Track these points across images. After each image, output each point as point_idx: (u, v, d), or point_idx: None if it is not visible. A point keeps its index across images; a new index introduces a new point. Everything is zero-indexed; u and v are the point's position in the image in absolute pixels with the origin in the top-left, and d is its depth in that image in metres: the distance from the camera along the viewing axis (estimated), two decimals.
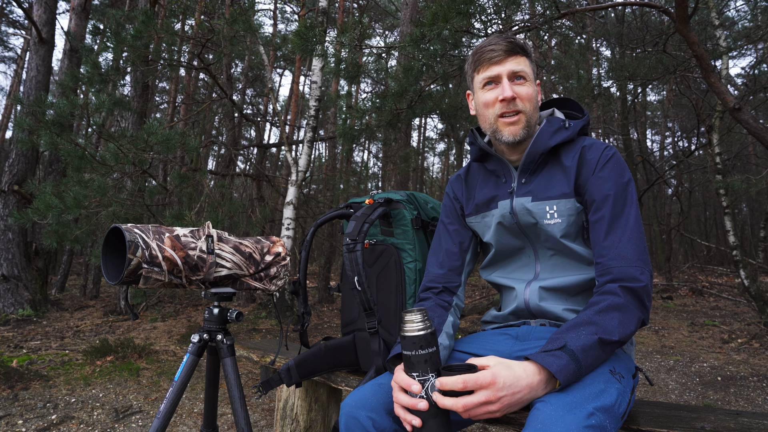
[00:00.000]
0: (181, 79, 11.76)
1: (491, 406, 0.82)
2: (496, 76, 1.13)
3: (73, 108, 4.04)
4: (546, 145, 1.14)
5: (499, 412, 0.83)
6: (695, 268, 12.34)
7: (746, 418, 1.07)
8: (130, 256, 1.13)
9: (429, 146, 22.93)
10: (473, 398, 0.82)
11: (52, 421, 2.69)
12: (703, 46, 3.83)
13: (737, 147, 10.53)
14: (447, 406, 0.83)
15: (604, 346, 0.91)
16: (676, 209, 12.27)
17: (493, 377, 0.83)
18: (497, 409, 0.83)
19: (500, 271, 1.28)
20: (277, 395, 1.86)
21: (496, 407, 0.82)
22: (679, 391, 3.52)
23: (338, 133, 4.63)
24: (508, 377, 0.83)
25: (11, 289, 5.99)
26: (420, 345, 0.86)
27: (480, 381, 0.82)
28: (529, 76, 1.14)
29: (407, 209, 1.51)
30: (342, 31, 3.92)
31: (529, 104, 1.13)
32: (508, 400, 0.83)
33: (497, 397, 0.82)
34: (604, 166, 1.10)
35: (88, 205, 3.97)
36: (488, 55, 1.13)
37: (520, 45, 1.13)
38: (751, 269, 6.59)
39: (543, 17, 3.47)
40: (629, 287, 0.97)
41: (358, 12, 13.53)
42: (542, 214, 1.14)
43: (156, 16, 6.22)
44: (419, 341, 0.86)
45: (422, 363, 0.86)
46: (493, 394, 0.82)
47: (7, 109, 17.00)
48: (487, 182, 1.27)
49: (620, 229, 1.03)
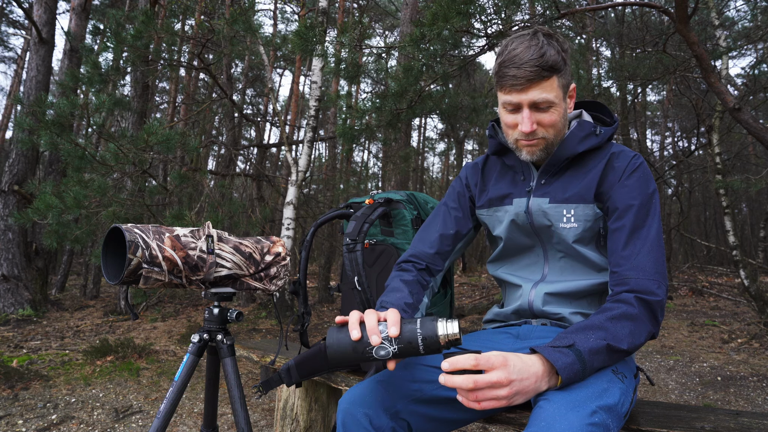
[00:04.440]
0: (181, 79, 11.76)
1: (500, 390, 0.80)
2: (517, 103, 1.06)
3: (73, 108, 4.04)
4: (574, 150, 1.12)
5: (505, 399, 0.81)
6: (695, 268, 12.34)
7: (746, 418, 1.07)
8: (130, 256, 1.13)
9: (429, 146, 22.92)
10: (485, 376, 0.79)
11: (52, 421, 2.69)
12: (703, 46, 3.83)
13: (737, 147, 10.52)
14: (456, 384, 0.80)
15: (612, 353, 0.90)
16: (676, 209, 12.26)
17: (505, 359, 0.81)
18: (505, 395, 0.80)
19: (507, 267, 1.27)
20: (277, 395, 1.86)
21: (506, 392, 0.80)
22: (679, 391, 3.52)
23: (338, 133, 4.63)
24: (517, 362, 0.82)
25: (11, 289, 5.98)
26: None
27: (492, 360, 0.80)
28: (554, 101, 1.05)
29: (407, 209, 1.51)
30: (342, 31, 3.92)
31: (552, 129, 1.09)
32: (517, 386, 0.81)
33: (509, 380, 0.80)
34: (630, 175, 1.08)
35: (88, 205, 3.97)
36: (510, 81, 1.03)
37: (548, 67, 1.01)
38: (751, 269, 6.59)
39: (543, 17, 3.47)
40: (644, 299, 0.95)
41: (358, 12, 13.53)
42: (559, 217, 1.12)
43: (156, 16, 6.21)
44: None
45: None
46: (505, 375, 0.79)
47: (7, 109, 16.99)
48: (504, 177, 1.24)
49: (640, 240, 1.02)
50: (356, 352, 0.89)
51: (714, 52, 5.72)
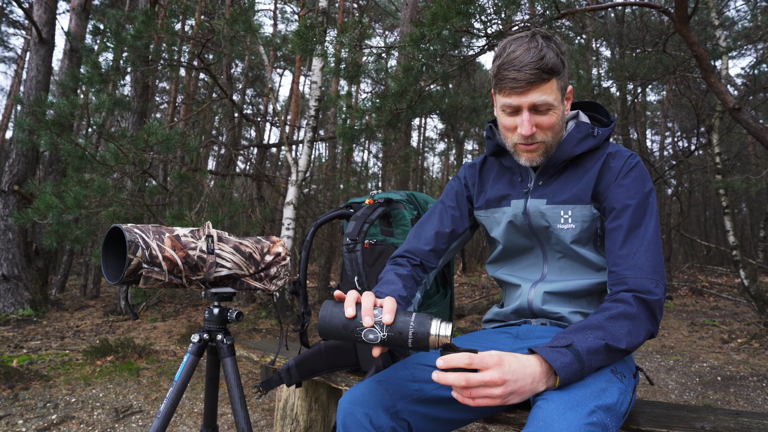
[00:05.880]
0: (181, 79, 11.75)
1: (494, 389, 0.79)
2: (516, 106, 1.05)
3: (73, 108, 4.04)
4: (571, 152, 1.12)
5: (499, 398, 0.80)
6: (695, 268, 12.34)
7: (746, 418, 1.07)
8: (131, 256, 1.13)
9: (429, 146, 22.92)
10: (478, 375, 0.79)
11: (52, 421, 2.69)
12: (703, 46, 3.83)
13: (737, 147, 10.53)
14: (449, 381, 0.80)
15: (610, 352, 0.90)
16: (676, 209, 12.26)
17: (500, 358, 0.81)
18: (499, 395, 0.80)
19: (507, 268, 1.28)
20: (277, 395, 1.86)
21: (499, 391, 0.79)
22: (679, 391, 3.52)
23: (338, 133, 4.63)
24: (513, 362, 0.82)
25: (11, 289, 5.99)
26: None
27: (486, 360, 0.80)
28: (554, 103, 1.05)
29: (407, 209, 1.51)
30: (342, 31, 3.92)
31: (551, 132, 1.09)
32: (511, 386, 0.80)
33: (503, 380, 0.79)
34: (627, 175, 1.08)
35: (88, 205, 3.97)
36: (510, 84, 1.03)
37: (547, 69, 1.01)
38: (751, 269, 6.59)
39: (543, 17, 3.48)
40: (643, 299, 0.96)
41: (358, 12, 13.53)
42: (556, 218, 1.12)
43: (156, 16, 6.21)
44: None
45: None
46: (499, 375, 0.79)
47: (7, 109, 16.99)
48: (502, 178, 1.25)
49: (638, 239, 1.02)
50: (346, 329, 0.88)
51: (714, 52, 5.72)
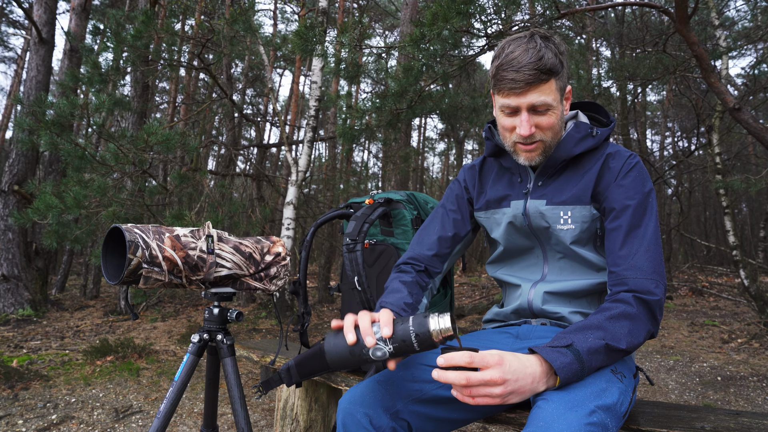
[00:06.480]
0: (181, 79, 11.76)
1: (494, 389, 0.80)
2: (515, 107, 1.05)
3: (73, 108, 4.04)
4: (570, 152, 1.12)
5: (499, 397, 0.80)
6: (695, 268, 12.34)
7: (746, 418, 1.07)
8: (130, 256, 1.13)
9: (429, 146, 22.93)
10: (478, 374, 0.79)
11: (52, 421, 2.69)
12: (703, 46, 3.83)
13: (737, 147, 10.54)
14: (450, 379, 0.80)
15: (610, 352, 0.90)
16: (676, 209, 12.26)
17: (501, 358, 0.81)
18: (499, 394, 0.80)
19: (507, 269, 1.28)
20: (277, 395, 1.86)
21: (499, 391, 0.80)
22: (679, 391, 3.52)
23: (338, 133, 4.63)
24: (513, 362, 0.82)
25: (11, 289, 5.99)
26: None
27: (487, 359, 0.80)
28: (552, 103, 1.05)
29: (407, 209, 1.51)
30: (342, 31, 3.93)
31: (550, 132, 1.08)
32: (511, 385, 0.80)
33: (503, 379, 0.79)
34: (626, 175, 1.08)
35: (88, 205, 3.97)
36: (508, 85, 1.03)
37: (546, 70, 1.01)
38: (751, 269, 6.59)
39: (543, 17, 3.48)
40: (643, 299, 0.96)
41: (358, 12, 13.53)
42: (556, 218, 1.12)
43: (156, 16, 6.21)
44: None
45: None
46: (500, 375, 0.79)
47: (7, 109, 16.99)
48: (501, 179, 1.25)
49: (638, 239, 1.02)
50: (353, 355, 0.89)
51: (714, 52, 5.72)
